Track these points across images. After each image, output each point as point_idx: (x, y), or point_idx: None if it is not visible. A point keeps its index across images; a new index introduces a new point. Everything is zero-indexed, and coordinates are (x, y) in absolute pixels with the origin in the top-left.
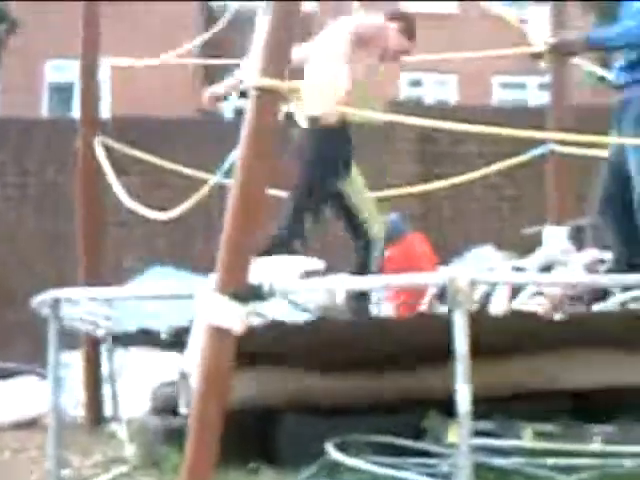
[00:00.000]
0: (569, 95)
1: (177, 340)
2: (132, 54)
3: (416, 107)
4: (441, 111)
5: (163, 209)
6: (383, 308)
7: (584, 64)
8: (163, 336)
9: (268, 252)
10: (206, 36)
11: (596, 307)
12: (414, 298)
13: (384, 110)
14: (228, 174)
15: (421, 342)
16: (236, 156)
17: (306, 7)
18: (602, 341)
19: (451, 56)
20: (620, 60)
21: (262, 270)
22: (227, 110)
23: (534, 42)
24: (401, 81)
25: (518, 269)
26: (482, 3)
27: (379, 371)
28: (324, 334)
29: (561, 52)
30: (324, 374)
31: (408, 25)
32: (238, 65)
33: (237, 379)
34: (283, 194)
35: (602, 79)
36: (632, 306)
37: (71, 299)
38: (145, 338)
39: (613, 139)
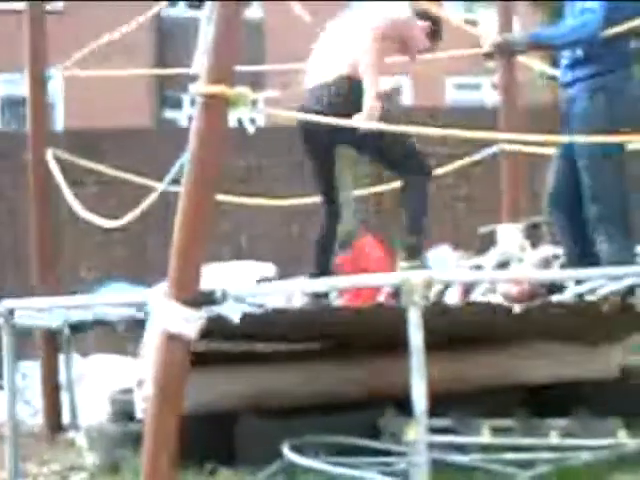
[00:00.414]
0: (523, 95)
1: (132, 331)
2: (83, 65)
3: None
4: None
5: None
6: None
7: (535, 64)
8: (119, 327)
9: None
10: None
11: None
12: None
13: None
14: (178, 181)
15: (377, 337)
16: (184, 162)
17: (253, 13)
18: (558, 335)
19: (404, 58)
20: (566, 59)
21: (216, 275)
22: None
23: (484, 42)
24: None
25: (475, 267)
26: (431, 6)
27: (336, 370)
28: (280, 326)
29: (506, 51)
30: (280, 374)
31: (436, 27)
32: (190, 74)
33: (193, 382)
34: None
35: (553, 78)
36: (588, 299)
37: (26, 308)
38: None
39: (558, 138)
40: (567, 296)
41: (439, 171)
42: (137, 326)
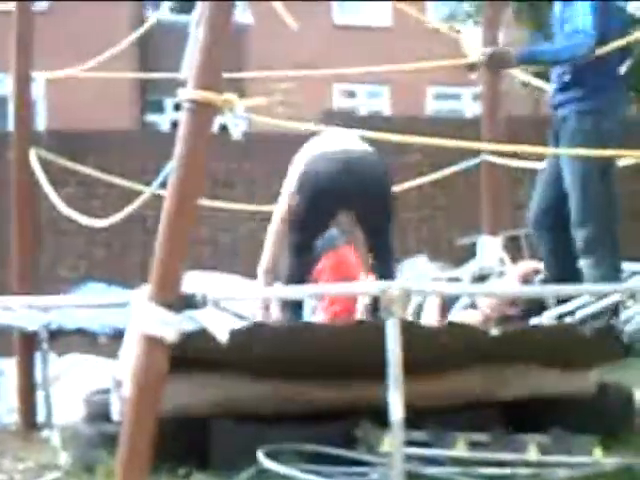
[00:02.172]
0: (506, 107)
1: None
2: (66, 67)
3: (349, 118)
4: (374, 121)
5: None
6: (316, 318)
7: (519, 75)
8: (100, 338)
9: None
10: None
11: (532, 321)
12: (347, 309)
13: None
14: (164, 185)
15: (356, 349)
16: (171, 168)
17: (242, 19)
18: (535, 355)
19: (386, 68)
20: (555, 83)
21: (196, 285)
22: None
23: (468, 54)
24: (335, 92)
25: (453, 280)
26: (416, 16)
27: (314, 379)
28: (258, 340)
29: (493, 64)
30: (257, 381)
31: None
32: (174, 78)
33: (170, 386)
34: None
35: (538, 89)
36: (567, 320)
37: (4, 307)
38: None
39: (545, 149)
40: (546, 318)
41: (420, 181)
42: (118, 336)
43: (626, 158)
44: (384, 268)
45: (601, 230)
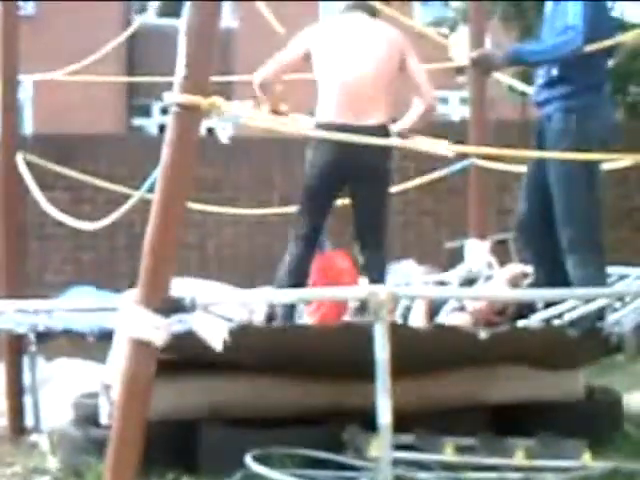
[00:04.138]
0: (493, 110)
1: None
2: (53, 70)
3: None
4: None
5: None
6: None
7: (505, 79)
8: (88, 337)
9: None
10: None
11: (519, 323)
12: (333, 314)
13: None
14: (152, 189)
15: (344, 352)
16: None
17: (228, 23)
18: (524, 359)
19: None
20: (540, 78)
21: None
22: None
23: (456, 57)
24: None
25: (440, 283)
26: (403, 19)
27: (302, 382)
28: (246, 342)
29: (483, 67)
30: (245, 385)
31: None
32: (162, 82)
33: (158, 389)
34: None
35: (523, 94)
36: (555, 322)
37: None
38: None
39: (534, 153)
40: (534, 320)
41: (406, 185)
42: (106, 336)
43: (611, 162)
44: (375, 271)
45: (586, 230)
